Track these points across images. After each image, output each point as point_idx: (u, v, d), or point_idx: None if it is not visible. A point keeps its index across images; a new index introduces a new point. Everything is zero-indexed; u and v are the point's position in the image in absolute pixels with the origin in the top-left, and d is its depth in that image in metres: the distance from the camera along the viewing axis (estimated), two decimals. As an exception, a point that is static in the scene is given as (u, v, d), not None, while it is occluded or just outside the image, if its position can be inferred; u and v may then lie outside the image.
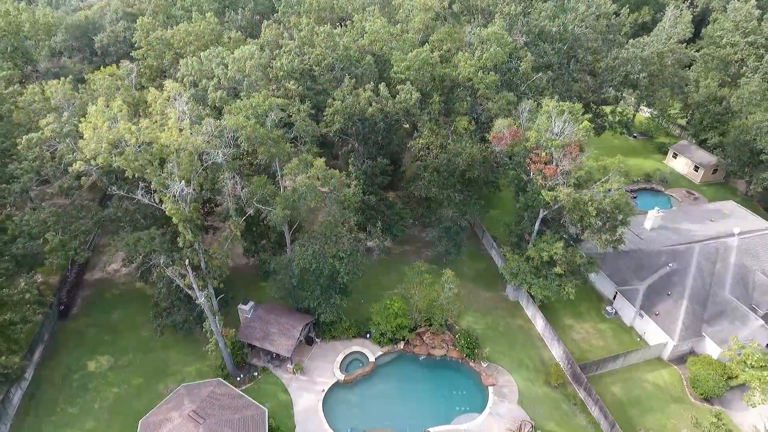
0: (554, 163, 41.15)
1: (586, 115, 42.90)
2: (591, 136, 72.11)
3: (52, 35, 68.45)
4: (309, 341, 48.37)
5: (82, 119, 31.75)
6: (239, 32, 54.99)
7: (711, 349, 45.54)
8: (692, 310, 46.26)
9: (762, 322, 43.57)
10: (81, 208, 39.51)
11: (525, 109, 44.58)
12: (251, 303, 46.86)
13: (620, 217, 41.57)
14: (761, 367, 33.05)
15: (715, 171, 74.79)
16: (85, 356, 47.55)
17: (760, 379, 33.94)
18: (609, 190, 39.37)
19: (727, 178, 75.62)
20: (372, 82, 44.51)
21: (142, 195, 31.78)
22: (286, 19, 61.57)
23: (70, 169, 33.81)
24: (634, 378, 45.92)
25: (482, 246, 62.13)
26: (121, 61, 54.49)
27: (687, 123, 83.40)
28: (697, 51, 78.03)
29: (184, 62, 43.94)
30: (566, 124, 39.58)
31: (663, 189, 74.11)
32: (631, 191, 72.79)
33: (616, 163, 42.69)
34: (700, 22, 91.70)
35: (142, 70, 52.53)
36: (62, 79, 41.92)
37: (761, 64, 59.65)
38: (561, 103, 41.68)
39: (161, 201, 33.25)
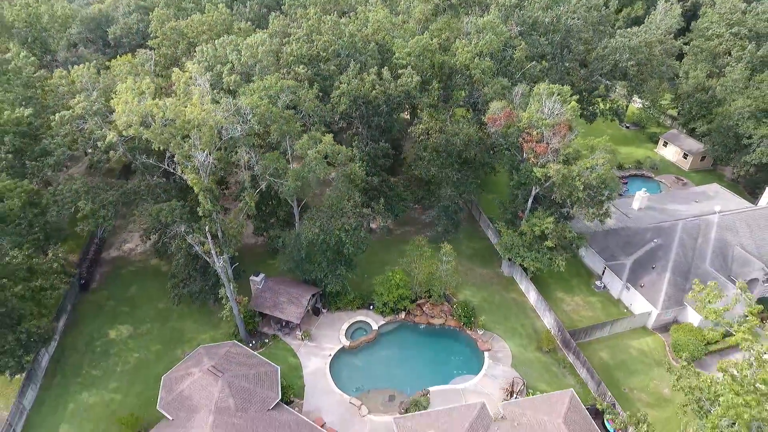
0: (545, 142, 44.31)
1: (574, 97, 45.53)
2: (584, 125, 76.00)
3: (68, 27, 71.50)
4: (316, 312, 51.53)
5: (113, 95, 34.74)
6: (249, 23, 58.15)
7: (692, 317, 48.67)
8: (675, 281, 49.37)
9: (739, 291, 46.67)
10: (107, 182, 42.53)
11: (518, 93, 47.78)
12: (262, 275, 50.06)
13: (606, 192, 44.72)
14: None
15: (703, 158, 77.90)
16: (106, 325, 50.76)
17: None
18: (595, 166, 42.39)
19: (714, 165, 78.72)
20: (376, 67, 47.71)
21: (168, 165, 34.85)
22: (293, 11, 64.60)
23: (99, 144, 36.88)
24: (621, 344, 49.11)
25: (479, 227, 65.34)
26: (137, 50, 57.62)
27: (678, 114, 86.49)
28: (687, 44, 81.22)
29: (199, 48, 47.01)
30: (555, 104, 42.72)
31: (653, 175, 77.25)
32: (623, 177, 75.96)
33: (602, 142, 45.83)
34: (692, 16, 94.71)
35: (157, 58, 55.55)
36: (87, 63, 45.08)
37: (744, 54, 62.72)
38: (551, 85, 44.83)
39: (183, 172, 36.37)
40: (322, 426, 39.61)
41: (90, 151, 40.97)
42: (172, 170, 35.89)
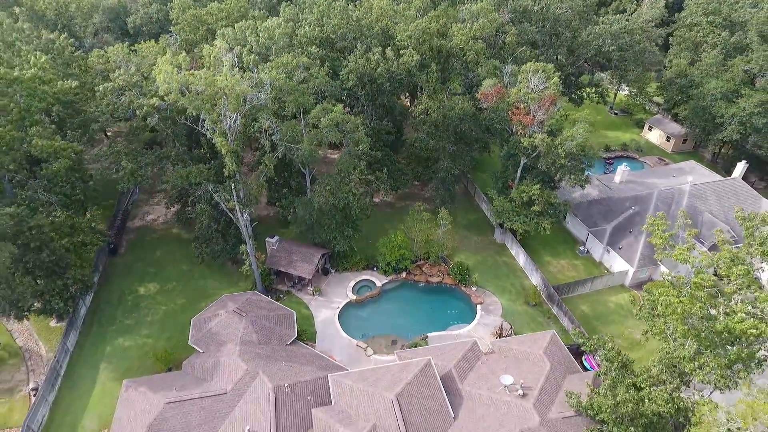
0: (531, 115, 49.57)
1: (558, 75, 50.61)
2: (574, 110, 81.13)
3: (91, 16, 76.76)
4: (325, 272, 56.78)
5: (151, 70, 39.85)
6: (263, 11, 63.42)
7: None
8: (649, 243, 54.55)
9: (706, 250, 52.01)
10: (144, 147, 47.80)
11: (508, 72, 53.02)
12: (277, 237, 55.28)
13: (585, 161, 49.97)
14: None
15: (684, 141, 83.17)
16: (135, 283, 55.98)
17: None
18: (575, 136, 47.60)
19: (696, 148, 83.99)
20: (380, 47, 53.00)
21: (201, 127, 40.06)
22: (302, 1, 69.84)
23: (137, 112, 42.13)
24: (600, 299, 54.43)
25: (474, 201, 70.64)
26: (159, 37, 62.90)
27: (664, 101, 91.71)
28: (670, 34, 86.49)
29: (220, 32, 52.24)
30: (540, 80, 47.94)
31: (638, 156, 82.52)
32: (609, 158, 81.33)
33: (583, 115, 51.07)
34: (679, 9, 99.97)
35: (179, 43, 60.78)
36: (120, 44, 50.33)
37: (718, 40, 67.91)
38: (536, 63, 50.07)
39: (212, 136, 41.63)
40: (332, 362, 44.85)
41: (130, 117, 45.87)
42: (203, 131, 40.99)
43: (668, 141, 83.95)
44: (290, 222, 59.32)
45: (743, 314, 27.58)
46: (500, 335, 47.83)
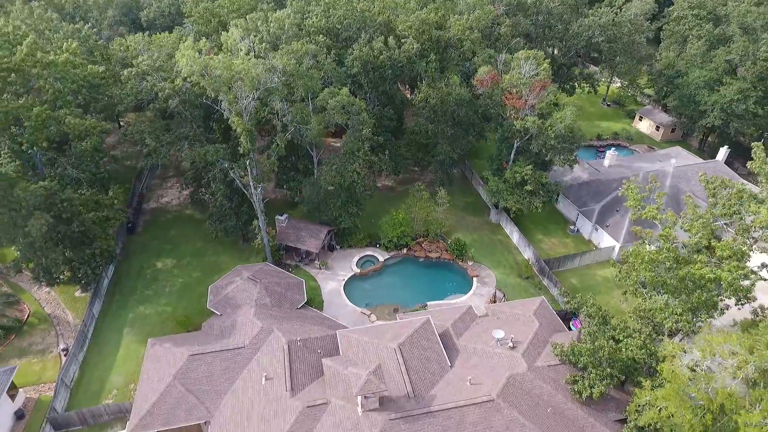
0: (523, 99, 53.28)
1: (547, 62, 54.21)
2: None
3: (105, 10, 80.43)
4: (331, 248, 60.47)
5: (170, 57, 43.56)
6: (271, 4, 67.09)
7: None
8: (635, 221, 58.35)
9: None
10: (165, 127, 51.52)
11: (501, 60, 56.72)
12: (286, 215, 59.00)
13: (573, 141, 53.68)
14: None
15: (673, 130, 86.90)
16: (152, 259, 59.66)
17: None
18: (564, 118, 51.30)
19: (684, 137, 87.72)
20: (382, 36, 56.72)
21: (220, 107, 43.78)
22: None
23: (160, 94, 45.89)
24: (588, 273, 58.15)
25: (471, 185, 74.40)
26: (175, 28, 66.56)
27: (655, 93, 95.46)
28: (661, 28, 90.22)
29: (234, 22, 55.92)
30: (531, 67, 51.63)
31: (628, 145, 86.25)
32: (600, 146, 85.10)
33: (571, 100, 54.78)
34: (670, 4, 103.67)
35: (193, 34, 64.41)
36: (141, 34, 54.00)
37: (703, 33, 71.60)
38: (528, 51, 53.79)
39: (228, 117, 45.33)
40: (339, 326, 48.53)
41: (152, 101, 49.45)
42: (221, 111, 44.67)
43: (657, 130, 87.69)
44: (298, 204, 63.08)
45: (702, 263, 31.27)
46: (494, 301, 51.55)
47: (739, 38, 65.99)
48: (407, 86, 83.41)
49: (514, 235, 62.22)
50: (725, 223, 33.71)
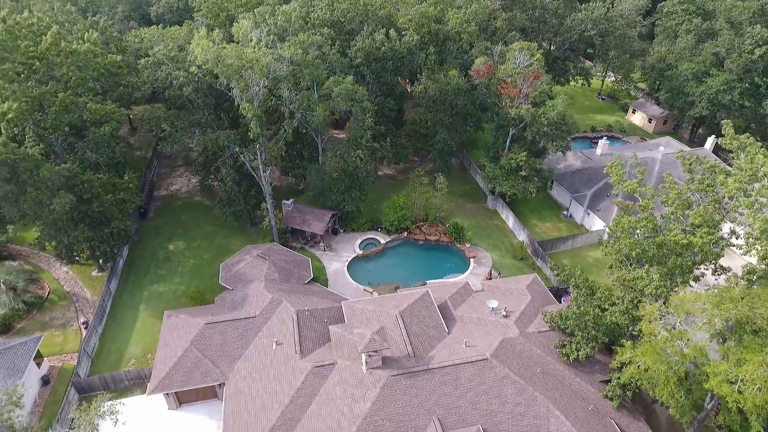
0: (517, 88, 56.12)
1: (540, 52, 57.02)
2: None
3: (116, 6, 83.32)
4: (335, 232, 63.34)
5: (182, 48, 46.48)
6: (277, -1, 70.15)
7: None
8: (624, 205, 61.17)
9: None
10: (179, 114, 54.43)
11: (497, 52, 59.57)
12: (292, 200, 61.87)
13: (565, 128, 56.53)
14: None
15: (665, 122, 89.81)
16: (164, 242, 62.55)
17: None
18: (556, 105, 54.14)
19: (676, 128, 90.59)
20: (384, 28, 59.67)
21: (231, 94, 46.57)
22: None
23: (174, 82, 48.74)
24: (580, 255, 61.00)
25: (469, 174, 77.28)
26: (185, 22, 69.39)
27: (647, 86, 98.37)
28: (654, 24, 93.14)
29: (242, 15, 58.75)
30: (525, 57, 54.48)
31: (621, 136, 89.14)
32: (594, 138, 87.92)
33: (563, 90, 57.58)
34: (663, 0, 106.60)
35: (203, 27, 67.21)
36: (154, 26, 56.84)
37: (692, 27, 74.46)
38: (522, 42, 56.65)
39: (239, 105, 48.16)
40: (343, 302, 51.37)
41: (167, 88, 52.25)
42: (231, 99, 47.48)
43: (650, 122, 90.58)
44: (303, 190, 65.94)
45: (677, 230, 34.06)
46: (490, 278, 54.42)
47: (726, 32, 68.81)
48: (407, 80, 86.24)
49: (510, 220, 65.09)
50: (701, 197, 36.51)
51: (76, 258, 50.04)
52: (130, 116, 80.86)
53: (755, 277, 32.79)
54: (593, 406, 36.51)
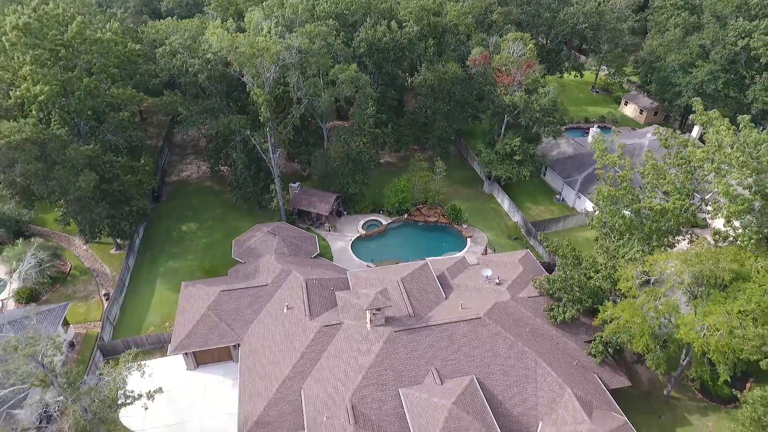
0: (511, 77, 59.56)
1: (533, 42, 60.42)
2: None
3: (126, 1, 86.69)
4: (339, 214, 66.76)
5: (206, 32, 50.28)
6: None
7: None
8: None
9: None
10: (194, 100, 57.91)
11: (492, 42, 63.00)
12: (298, 183, 65.28)
13: (556, 114, 59.98)
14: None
15: (656, 113, 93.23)
16: (177, 223, 65.97)
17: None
18: (547, 92, 57.56)
19: (666, 119, 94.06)
20: (385, 20, 63.14)
21: (242, 80, 50.07)
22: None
23: (190, 69, 52.20)
24: (571, 235, 64.34)
25: (467, 162, 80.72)
26: (196, 15, 72.78)
27: (639, 79, 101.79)
28: (646, 19, 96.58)
29: (250, 9, 62.15)
30: (518, 47, 57.93)
31: (613, 127, 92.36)
32: (587, 128, 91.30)
33: (555, 79, 61.00)
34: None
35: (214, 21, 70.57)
36: (169, 18, 60.26)
37: (679, 21, 77.91)
38: (515, 33, 60.09)
39: (250, 91, 51.58)
40: (348, 276, 54.75)
41: (183, 74, 55.60)
42: (242, 85, 50.87)
43: (641, 114, 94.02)
44: (308, 177, 69.32)
45: (653, 199, 37.47)
46: (485, 254, 57.83)
47: (712, 25, 72.22)
48: (407, 75, 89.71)
49: (505, 203, 68.53)
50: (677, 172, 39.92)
51: (98, 234, 53.36)
52: (140, 108, 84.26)
53: (720, 238, 36.14)
54: (577, 362, 39.95)
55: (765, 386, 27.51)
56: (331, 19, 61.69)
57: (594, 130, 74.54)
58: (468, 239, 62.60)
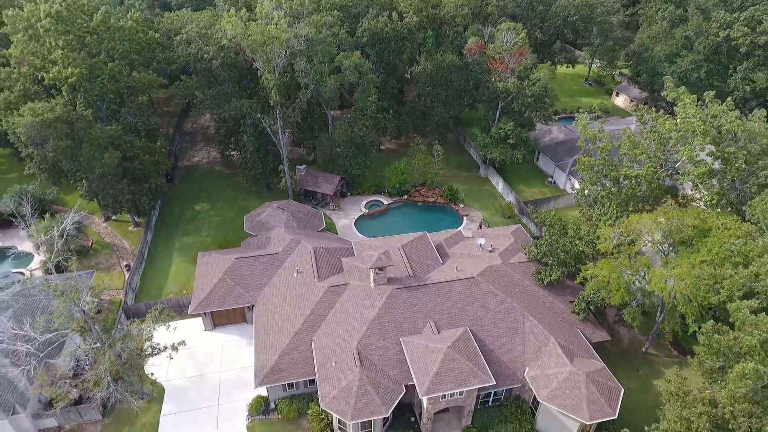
0: (505, 64, 63.53)
1: (524, 31, 64.37)
2: (554, 81, 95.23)
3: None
4: (342, 195, 70.76)
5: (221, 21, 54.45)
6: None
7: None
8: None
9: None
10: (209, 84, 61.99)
11: (487, 32, 66.96)
12: (305, 165, 69.32)
13: (547, 99, 63.95)
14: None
15: (645, 103, 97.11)
16: (190, 203, 69.97)
17: None
18: (538, 79, 61.52)
19: (656, 109, 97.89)
20: (387, 11, 67.16)
21: (253, 66, 54.11)
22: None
23: (205, 56, 56.23)
24: (561, 214, 67.49)
25: (464, 149, 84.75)
26: (206, 8, 76.74)
27: (630, 71, 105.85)
28: (637, 14, 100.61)
29: (260, 1, 66.09)
30: (511, 36, 61.93)
31: (604, 116, 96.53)
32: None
33: (546, 67, 65.01)
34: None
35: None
36: (184, 10, 64.30)
37: (666, 14, 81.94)
38: (508, 23, 64.06)
39: (261, 76, 55.56)
40: (352, 249, 58.73)
41: (199, 61, 59.61)
42: (253, 71, 54.91)
43: (632, 104, 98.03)
44: (314, 161, 73.24)
45: (628, 167, 41.45)
46: (480, 228, 61.87)
47: (696, 17, 76.22)
48: (407, 67, 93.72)
49: (500, 185, 72.54)
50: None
51: (120, 209, 57.33)
52: (152, 98, 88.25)
53: (687, 201, 40.14)
54: (562, 318, 43.96)
55: (718, 324, 31.32)
56: (336, 10, 65.72)
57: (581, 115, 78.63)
58: (464, 217, 66.62)
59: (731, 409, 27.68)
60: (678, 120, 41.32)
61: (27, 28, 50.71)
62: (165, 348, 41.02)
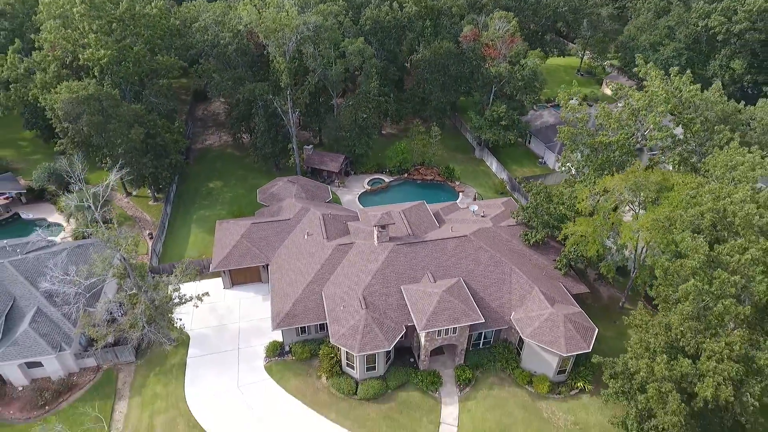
0: (498, 50, 68.65)
1: (516, 20, 69.58)
2: (547, 72, 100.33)
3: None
4: (347, 173, 75.87)
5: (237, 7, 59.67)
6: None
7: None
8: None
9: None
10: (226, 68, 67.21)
11: (481, 21, 72.07)
12: (312, 146, 74.42)
13: (536, 84, 69.06)
14: None
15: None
16: (205, 181, 75.05)
17: None
18: (528, 63, 66.62)
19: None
20: (388, 0, 72.37)
21: (266, 50, 59.39)
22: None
23: (222, 42, 61.47)
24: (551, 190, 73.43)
25: (461, 133, 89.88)
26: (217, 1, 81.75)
27: (619, 62, 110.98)
28: (626, 8, 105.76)
29: (270, -7, 71.34)
30: (503, 24, 67.07)
31: (593, 103, 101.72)
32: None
33: (536, 53, 70.10)
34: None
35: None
36: (199, 0, 69.57)
37: (650, 5, 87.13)
38: (500, 12, 69.19)
39: (273, 60, 60.66)
40: (356, 220, 63.86)
41: (215, 47, 64.78)
42: (265, 56, 60.08)
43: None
44: (319, 143, 78.24)
45: (604, 134, 46.59)
46: (475, 200, 67.05)
47: (678, 8, 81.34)
48: (407, 57, 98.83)
49: (493, 165, 77.67)
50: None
51: (143, 182, 62.43)
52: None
53: (652, 163, 45.27)
54: (546, 272, 49.10)
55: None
56: (341, 0, 70.89)
57: (573, 103, 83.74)
58: (460, 193, 71.74)
59: (681, 329, 32.77)
60: (645, 91, 46.42)
61: (61, 15, 55.82)
62: (191, 298, 46.18)
